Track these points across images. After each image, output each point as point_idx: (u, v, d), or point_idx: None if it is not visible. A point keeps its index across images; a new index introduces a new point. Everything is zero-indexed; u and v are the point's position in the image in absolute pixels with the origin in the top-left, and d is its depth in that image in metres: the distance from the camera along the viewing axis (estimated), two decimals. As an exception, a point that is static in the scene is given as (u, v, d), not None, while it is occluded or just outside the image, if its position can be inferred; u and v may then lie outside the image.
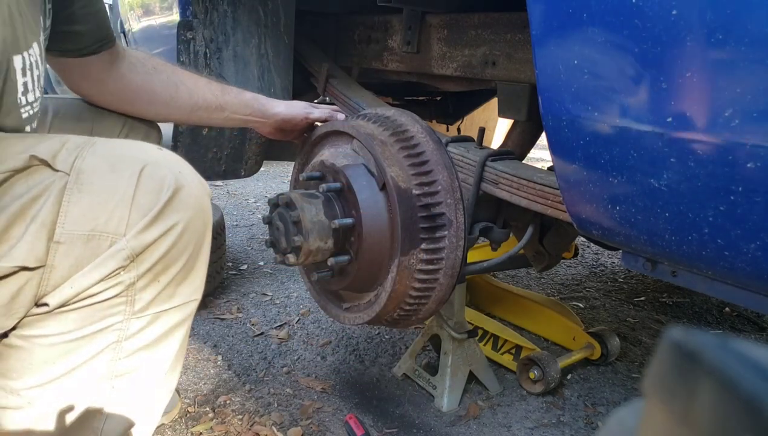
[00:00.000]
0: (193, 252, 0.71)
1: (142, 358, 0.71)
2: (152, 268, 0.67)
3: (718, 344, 0.18)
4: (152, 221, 0.66)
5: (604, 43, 0.72)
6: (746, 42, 0.59)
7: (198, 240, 0.71)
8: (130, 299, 0.67)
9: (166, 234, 0.67)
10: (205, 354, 1.60)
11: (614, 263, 2.51)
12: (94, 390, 0.70)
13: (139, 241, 0.65)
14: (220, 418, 1.32)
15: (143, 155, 0.69)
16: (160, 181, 0.67)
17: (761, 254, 0.66)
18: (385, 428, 1.31)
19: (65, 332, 0.66)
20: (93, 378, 0.69)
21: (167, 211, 0.67)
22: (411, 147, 1.07)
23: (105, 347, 0.68)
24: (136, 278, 0.67)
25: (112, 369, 0.70)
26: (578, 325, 1.66)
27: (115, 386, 0.71)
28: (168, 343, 0.74)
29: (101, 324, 0.67)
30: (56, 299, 0.64)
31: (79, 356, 0.67)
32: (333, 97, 1.66)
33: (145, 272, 0.67)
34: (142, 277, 0.67)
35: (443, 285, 1.08)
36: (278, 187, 3.89)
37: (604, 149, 0.77)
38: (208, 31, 1.43)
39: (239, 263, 2.34)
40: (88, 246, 0.64)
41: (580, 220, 0.89)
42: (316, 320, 1.84)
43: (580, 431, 1.33)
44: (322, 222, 1.03)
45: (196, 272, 0.73)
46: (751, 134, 0.61)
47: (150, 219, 0.65)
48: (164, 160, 0.70)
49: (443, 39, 1.44)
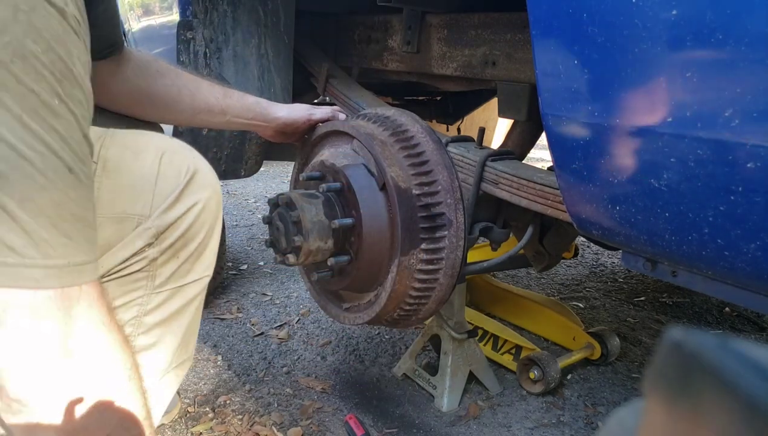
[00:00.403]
0: (209, 230, 0.77)
1: (159, 333, 0.76)
2: (174, 244, 0.73)
3: (718, 344, 0.18)
4: (174, 202, 0.72)
5: (604, 43, 0.72)
6: (746, 42, 0.59)
7: (213, 218, 0.78)
8: (151, 275, 0.73)
9: (188, 212, 0.73)
10: (205, 354, 1.60)
11: (614, 263, 2.51)
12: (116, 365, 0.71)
13: (163, 220, 0.71)
14: (220, 418, 1.32)
15: (160, 143, 0.75)
16: (178, 166, 0.73)
17: (761, 254, 0.66)
18: (385, 428, 1.31)
19: None
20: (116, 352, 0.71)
21: (187, 192, 0.73)
22: (411, 147, 1.07)
23: (126, 322, 0.72)
24: (159, 254, 0.72)
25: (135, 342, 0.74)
26: (578, 325, 1.66)
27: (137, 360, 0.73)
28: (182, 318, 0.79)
29: (125, 298, 0.72)
30: None
31: None
32: (333, 97, 1.66)
33: (167, 248, 0.72)
34: (164, 252, 0.72)
35: (443, 285, 1.08)
36: (278, 187, 3.89)
37: (604, 149, 0.77)
38: (208, 31, 1.43)
39: (239, 263, 2.34)
40: (117, 227, 0.70)
41: (580, 220, 0.89)
42: (316, 320, 1.84)
43: (580, 432, 1.33)
44: (322, 222, 1.03)
45: (210, 249, 0.79)
46: (751, 134, 0.61)
47: (173, 200, 0.72)
48: (179, 147, 0.77)
49: (443, 39, 1.44)
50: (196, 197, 0.74)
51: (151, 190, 0.71)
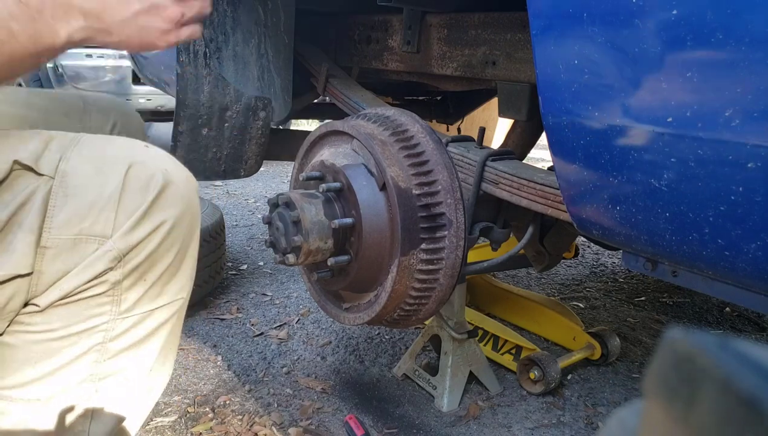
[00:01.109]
0: (181, 249, 0.70)
1: (127, 358, 0.70)
2: (138, 266, 0.67)
3: (718, 344, 0.18)
4: (139, 221, 0.65)
5: (604, 43, 0.72)
6: (746, 42, 0.59)
7: (185, 237, 0.71)
8: (116, 299, 0.67)
9: (153, 233, 0.66)
10: (205, 354, 1.60)
11: (614, 263, 2.51)
12: (78, 393, 0.69)
13: (126, 241, 0.65)
14: (220, 418, 1.32)
15: (129, 154, 0.68)
16: (146, 181, 0.66)
17: (761, 254, 0.66)
18: (385, 429, 1.31)
19: (50, 329, 0.65)
20: (77, 380, 0.68)
21: (154, 210, 0.66)
22: (411, 147, 1.07)
23: (89, 348, 0.67)
24: (122, 277, 0.66)
25: (96, 371, 0.69)
26: (578, 325, 1.66)
27: (99, 388, 0.69)
28: (153, 342, 0.73)
29: (87, 324, 0.66)
30: (45, 300, 0.64)
31: (63, 357, 0.66)
32: (333, 97, 1.66)
33: (131, 270, 0.66)
34: (128, 276, 0.66)
35: (443, 285, 1.08)
36: (278, 187, 3.89)
37: (605, 149, 0.77)
38: (208, 31, 1.43)
39: (239, 263, 2.34)
40: (75, 249, 0.64)
41: (581, 220, 0.89)
42: (316, 320, 1.84)
43: (580, 432, 1.33)
44: (322, 222, 1.03)
45: (183, 269, 0.72)
46: (751, 134, 0.61)
47: (136, 219, 0.65)
48: (150, 158, 0.69)
49: (443, 39, 1.44)
50: (164, 215, 0.67)
51: (113, 208, 0.64)
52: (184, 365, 1.54)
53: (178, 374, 1.49)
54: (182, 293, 0.74)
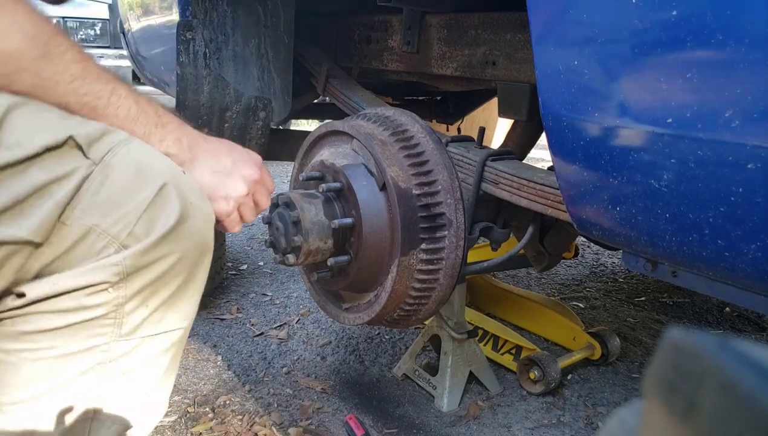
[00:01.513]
0: (185, 280, 0.71)
1: (126, 380, 0.71)
2: (142, 291, 0.67)
3: (718, 344, 0.18)
4: (152, 245, 0.66)
5: (604, 44, 0.72)
6: (746, 42, 0.59)
7: (192, 268, 0.71)
8: (117, 321, 0.67)
9: (162, 259, 0.67)
10: (205, 354, 1.60)
11: (614, 263, 2.51)
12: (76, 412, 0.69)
13: (135, 261, 0.65)
14: (220, 418, 1.32)
15: (169, 172, 0.69)
16: (173, 205, 0.67)
17: (761, 255, 0.66)
18: (385, 429, 1.31)
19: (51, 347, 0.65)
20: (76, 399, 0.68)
21: (169, 239, 0.67)
22: (411, 147, 1.07)
23: (89, 368, 0.68)
24: (125, 300, 0.66)
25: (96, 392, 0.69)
26: (578, 325, 1.66)
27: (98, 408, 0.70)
28: (153, 368, 0.73)
29: (88, 343, 0.67)
30: (35, 291, 0.64)
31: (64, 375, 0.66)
32: (333, 97, 1.66)
33: (134, 294, 0.67)
34: (131, 299, 0.67)
35: (443, 285, 1.08)
36: (278, 187, 3.89)
37: (605, 149, 0.77)
38: (208, 32, 1.43)
39: (239, 263, 2.34)
40: (85, 239, 0.64)
41: (581, 220, 0.89)
42: (316, 320, 1.84)
43: (580, 432, 1.33)
44: (321, 222, 1.03)
45: (186, 300, 0.73)
46: (751, 135, 0.61)
47: (150, 242, 0.65)
48: (183, 184, 0.70)
49: (443, 39, 1.44)
50: (175, 247, 0.67)
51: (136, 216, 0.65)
52: (184, 365, 1.54)
53: (178, 374, 1.48)
54: (184, 322, 0.74)
